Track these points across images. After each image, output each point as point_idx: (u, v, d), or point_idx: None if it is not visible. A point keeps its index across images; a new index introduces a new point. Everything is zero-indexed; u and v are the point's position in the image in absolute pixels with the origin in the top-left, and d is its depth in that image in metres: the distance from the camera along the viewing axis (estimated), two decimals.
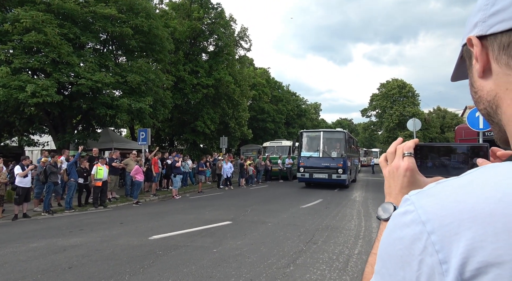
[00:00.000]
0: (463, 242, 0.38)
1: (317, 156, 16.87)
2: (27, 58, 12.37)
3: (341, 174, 16.23)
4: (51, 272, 4.85)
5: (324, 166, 16.56)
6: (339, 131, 18.82)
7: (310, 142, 17.64)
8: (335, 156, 16.63)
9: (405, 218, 0.44)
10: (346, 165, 16.30)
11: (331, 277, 4.71)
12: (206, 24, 23.90)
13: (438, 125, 48.07)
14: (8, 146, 20.02)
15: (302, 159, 17.17)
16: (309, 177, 16.96)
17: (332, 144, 17.23)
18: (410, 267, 0.42)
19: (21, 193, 9.56)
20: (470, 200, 0.40)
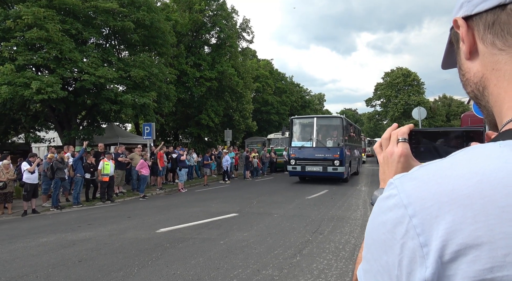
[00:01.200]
0: (442, 225, 0.38)
1: (310, 146, 14.84)
2: (31, 55, 12.40)
3: (337, 166, 14.21)
4: (62, 265, 4.94)
5: (318, 157, 14.55)
6: (335, 116, 16.77)
7: (302, 130, 15.62)
8: (330, 145, 14.58)
9: (388, 202, 0.44)
10: (343, 156, 14.26)
11: (337, 266, 4.73)
12: (207, 16, 23.76)
13: (443, 113, 47.66)
14: (15, 143, 20.21)
15: (293, 149, 15.23)
16: (301, 170, 14.94)
17: (327, 131, 15.22)
18: (393, 251, 0.42)
19: (29, 189, 9.68)
20: (450, 182, 0.40)
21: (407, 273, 0.40)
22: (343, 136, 14.55)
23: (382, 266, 0.44)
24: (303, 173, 15.31)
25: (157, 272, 4.58)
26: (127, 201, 12.09)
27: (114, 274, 4.53)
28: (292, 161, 15.11)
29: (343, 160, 14.25)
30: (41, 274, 4.62)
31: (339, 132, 14.75)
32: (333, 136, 14.84)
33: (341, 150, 14.27)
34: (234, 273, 4.51)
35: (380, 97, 48.71)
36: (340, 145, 14.37)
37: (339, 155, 14.21)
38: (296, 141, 15.40)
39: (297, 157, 14.96)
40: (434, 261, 0.38)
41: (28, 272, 4.69)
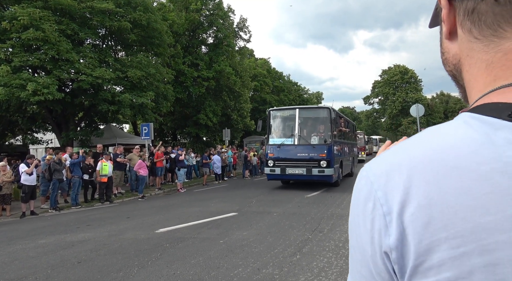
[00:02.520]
0: (401, 191, 0.41)
1: (291, 144, 12.39)
2: (27, 56, 12.34)
3: (325, 167, 11.77)
4: (61, 267, 4.91)
5: (301, 157, 12.13)
6: (321, 107, 14.03)
7: (282, 124, 13.17)
8: (316, 142, 12.16)
9: (359, 184, 0.47)
10: (331, 155, 11.86)
11: (337, 264, 4.73)
12: (204, 16, 23.72)
13: (441, 110, 47.79)
14: (13, 144, 20.13)
15: (271, 147, 12.74)
16: (280, 172, 12.43)
17: (313, 126, 12.78)
18: (365, 228, 0.44)
19: (27, 191, 9.64)
20: (408, 153, 0.43)
21: (379, 247, 0.42)
22: (332, 132, 12.10)
23: (360, 253, 0.46)
24: (283, 177, 12.82)
25: (157, 272, 4.57)
26: (126, 201, 12.06)
27: (114, 275, 4.51)
28: (270, 162, 12.67)
29: (332, 160, 11.84)
30: (40, 275, 4.59)
31: (326, 126, 12.28)
32: (320, 132, 12.44)
33: (329, 148, 11.89)
34: (234, 272, 4.50)
35: (378, 95, 48.79)
36: (328, 142, 11.95)
37: (327, 154, 11.80)
38: (275, 137, 12.97)
39: (276, 156, 12.56)
40: (396, 227, 0.40)
41: (27, 274, 4.66)
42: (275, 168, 12.51)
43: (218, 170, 17.05)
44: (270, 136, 13.00)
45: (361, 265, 0.45)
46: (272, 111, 13.35)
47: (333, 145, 12.04)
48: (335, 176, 12.38)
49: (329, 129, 12.16)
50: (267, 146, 13.03)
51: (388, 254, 0.41)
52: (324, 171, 11.80)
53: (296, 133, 12.36)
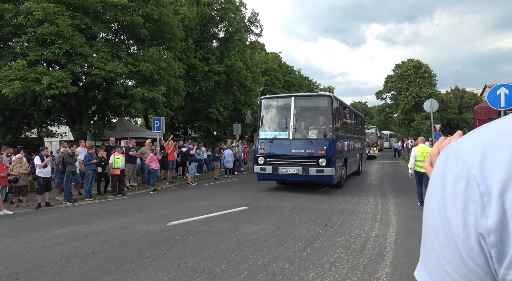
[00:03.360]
0: (502, 171, 0.38)
1: (285, 138, 10.65)
2: (42, 50, 12.54)
3: (324, 166, 9.98)
4: (75, 257, 5.02)
5: (296, 153, 10.39)
6: (321, 95, 11.64)
7: (275, 115, 11.46)
8: (314, 137, 10.40)
9: (447, 162, 0.44)
10: (332, 152, 10.13)
11: (348, 259, 4.71)
12: (215, 9, 23.64)
13: (456, 105, 46.82)
14: (28, 137, 20.58)
15: (262, 142, 11.00)
16: (272, 171, 10.66)
17: (311, 117, 11.01)
18: (455, 210, 0.41)
19: (42, 183, 9.86)
20: (503, 131, 0.41)
21: (474, 229, 0.39)
22: (333, 124, 10.41)
23: (445, 236, 0.43)
24: (274, 176, 10.96)
25: (169, 264, 4.63)
26: (138, 194, 12.23)
27: (127, 266, 4.59)
28: (260, 159, 10.86)
29: (333, 157, 10.12)
30: (55, 265, 4.70)
31: (327, 118, 10.53)
32: (319, 124, 10.65)
33: (330, 143, 10.15)
34: (244, 265, 4.53)
35: (391, 89, 48.04)
36: (328, 136, 10.21)
37: (327, 151, 10.07)
38: (267, 130, 11.24)
39: (267, 153, 10.81)
40: (496, 208, 0.37)
41: (42, 263, 4.78)
42: (265, 166, 10.74)
43: (229, 164, 17.10)
44: (261, 129, 11.29)
45: (447, 249, 0.43)
46: (264, 99, 11.58)
47: (334, 140, 10.33)
48: (337, 176, 10.62)
49: (330, 121, 10.42)
50: (257, 140, 11.21)
51: (484, 236, 0.39)
52: (323, 170, 9.97)
53: (291, 125, 10.58)
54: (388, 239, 5.65)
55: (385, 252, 5.03)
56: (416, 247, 5.20)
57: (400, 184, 12.85)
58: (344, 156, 11.77)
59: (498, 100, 7.86)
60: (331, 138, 10.22)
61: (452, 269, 0.43)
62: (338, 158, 10.74)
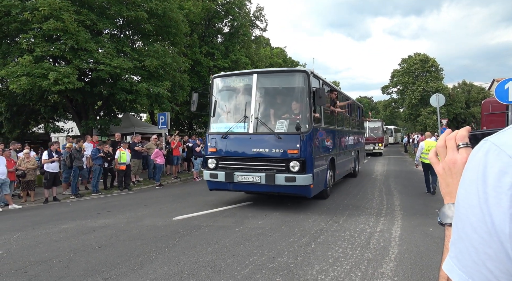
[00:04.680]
0: None
1: (243, 132, 7.69)
2: (48, 46, 12.62)
3: (296, 172, 7.08)
4: (82, 251, 5.10)
5: (257, 154, 7.46)
6: (294, 70, 8.26)
7: (231, 100, 8.56)
8: (283, 130, 7.42)
9: (489, 157, 0.43)
10: (309, 150, 7.24)
11: (353, 254, 4.72)
12: (220, 4, 23.55)
13: (463, 100, 46.28)
14: (35, 133, 20.81)
15: (212, 138, 8.06)
16: (225, 179, 7.64)
17: (280, 102, 8.00)
18: (499, 206, 0.40)
19: (49, 178, 9.98)
20: None
21: None
22: (311, 112, 7.38)
23: (487, 232, 0.42)
24: (229, 186, 7.80)
25: (174, 258, 4.68)
26: (143, 189, 12.33)
27: (133, 260, 4.65)
28: (211, 162, 7.94)
29: (309, 158, 7.20)
30: (63, 259, 4.78)
31: (302, 103, 7.48)
32: (292, 112, 7.65)
33: (306, 139, 7.15)
34: (249, 260, 4.56)
35: (397, 84, 47.58)
36: (304, 129, 7.19)
37: (301, 150, 7.11)
38: (220, 121, 8.32)
39: (218, 153, 7.87)
40: None
41: (51, 257, 4.86)
42: (217, 172, 7.70)
43: None
44: (213, 120, 8.36)
45: (488, 245, 0.42)
46: (217, 79, 8.64)
47: (313, 134, 7.33)
48: (317, 185, 7.68)
49: (306, 108, 7.36)
50: (207, 135, 8.24)
51: None
52: (295, 178, 6.97)
53: (252, 114, 7.55)
54: (393, 234, 5.65)
55: (389, 247, 5.03)
56: (421, 242, 5.20)
57: (405, 179, 12.79)
58: (330, 156, 8.83)
59: (506, 94, 7.76)
60: (308, 131, 7.18)
61: (493, 265, 0.42)
62: (320, 159, 7.86)
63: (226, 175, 7.62)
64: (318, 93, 7.32)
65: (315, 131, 7.55)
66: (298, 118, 7.41)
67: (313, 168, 7.32)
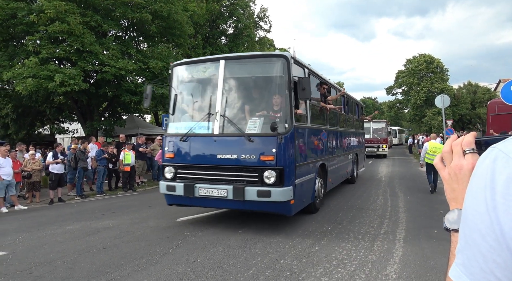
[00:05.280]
0: None
1: (206, 133, 6.27)
2: (53, 48, 12.74)
3: (271, 185, 5.61)
4: (87, 252, 5.12)
5: (224, 161, 6.01)
6: (271, 55, 6.68)
7: (194, 93, 7.14)
8: (256, 130, 5.93)
9: (497, 165, 0.43)
10: (289, 156, 5.78)
11: (357, 256, 4.70)
12: (224, 6, 23.61)
13: (468, 101, 45.89)
14: (41, 134, 20.98)
15: (170, 142, 6.61)
16: (184, 192, 6.11)
17: (252, 95, 6.62)
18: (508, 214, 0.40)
19: (54, 179, 10.06)
20: None
21: None
22: (291, 107, 5.92)
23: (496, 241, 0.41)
24: (190, 201, 6.31)
25: (178, 260, 4.69)
26: (148, 190, 12.37)
27: (137, 261, 4.67)
28: (168, 171, 6.49)
29: (289, 167, 5.77)
30: (68, 260, 4.81)
31: (281, 96, 6.02)
32: (269, 108, 6.25)
33: (285, 142, 5.70)
34: (253, 261, 4.56)
35: (402, 85, 47.33)
36: (282, 130, 5.72)
37: (278, 156, 5.67)
38: (180, 119, 6.90)
39: (177, 159, 6.45)
40: None
41: (55, 258, 4.89)
42: (175, 184, 6.24)
43: None
44: (172, 118, 6.94)
45: (497, 253, 0.41)
46: (177, 67, 7.09)
47: (295, 136, 5.89)
48: (300, 199, 6.17)
49: (286, 102, 5.88)
50: (164, 137, 6.86)
51: None
52: (270, 192, 5.51)
53: (217, 111, 6.10)
54: (397, 236, 5.62)
55: (394, 249, 5.00)
56: (426, 245, 5.16)
57: (410, 180, 12.71)
58: (319, 161, 7.40)
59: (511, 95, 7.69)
60: (287, 132, 5.70)
61: (502, 273, 0.41)
62: (304, 166, 6.41)
63: (185, 188, 6.08)
64: (301, 84, 5.81)
65: (297, 132, 6.04)
66: (278, 116, 5.92)
67: (294, 178, 5.79)
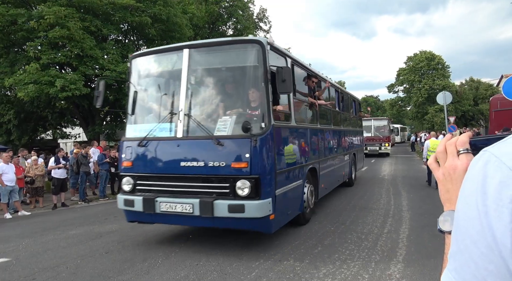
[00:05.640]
0: None
1: (168, 136, 5.15)
2: (54, 54, 12.80)
3: (245, 197, 4.56)
4: (90, 257, 5.13)
5: (187, 169, 4.89)
6: (242, 41, 5.49)
7: (156, 89, 6.01)
8: (226, 131, 4.84)
9: (488, 169, 0.42)
10: (268, 162, 4.69)
11: (360, 256, 4.68)
12: (223, 7, 23.67)
13: (471, 97, 45.69)
14: (44, 139, 21.07)
15: (128, 147, 5.47)
16: (143, 208, 5.05)
17: (222, 90, 5.55)
18: (501, 220, 0.39)
19: (57, 184, 10.09)
20: None
21: None
22: (269, 103, 4.78)
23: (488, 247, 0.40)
24: (151, 218, 5.33)
25: (180, 263, 4.68)
26: None
27: (139, 265, 4.66)
28: (126, 182, 5.45)
29: (267, 175, 4.69)
30: (71, 265, 4.81)
31: (257, 89, 4.94)
32: (242, 105, 5.21)
33: (261, 145, 4.61)
34: (256, 263, 4.55)
35: (403, 82, 47.21)
36: (257, 130, 4.64)
37: (251, 162, 4.59)
38: (139, 121, 5.82)
39: (136, 168, 5.39)
40: None
41: (59, 263, 4.90)
42: (134, 198, 5.27)
43: None
44: (130, 119, 5.82)
45: (488, 260, 0.40)
46: (137, 59, 5.95)
47: (274, 137, 4.84)
48: (282, 214, 5.17)
49: (262, 97, 4.83)
50: (121, 142, 5.79)
51: None
52: (244, 206, 4.56)
53: (181, 110, 5.06)
54: (400, 235, 5.59)
55: (397, 248, 4.97)
56: (429, 243, 5.13)
57: (413, 178, 12.65)
58: (308, 165, 6.41)
59: None
60: (263, 133, 4.65)
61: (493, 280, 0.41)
62: (288, 173, 5.37)
63: (144, 203, 5.04)
64: (280, 75, 4.64)
65: (277, 133, 4.96)
66: (255, 114, 4.84)
67: (274, 187, 4.75)
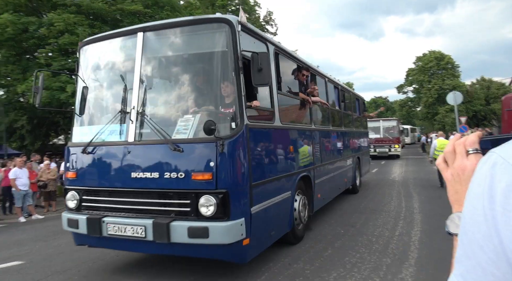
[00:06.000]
0: None
1: (118, 141, 4.08)
2: (65, 60, 13.03)
3: (210, 218, 3.48)
4: (101, 260, 5.18)
5: (139, 182, 3.83)
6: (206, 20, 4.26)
7: (107, 82, 4.76)
8: (187, 134, 3.74)
9: (495, 171, 0.41)
10: (234, 173, 3.57)
11: (371, 259, 4.63)
12: (230, 11, 23.81)
13: (482, 97, 44.96)
14: (56, 144, 21.42)
15: (73, 155, 4.38)
16: (87, 230, 4.01)
17: (185, 82, 4.27)
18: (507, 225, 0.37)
19: None
20: None
21: None
22: (241, 97, 3.71)
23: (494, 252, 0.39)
24: (97, 242, 4.30)
25: (191, 266, 4.69)
26: None
27: (150, 269, 4.70)
28: (71, 197, 4.45)
29: (238, 188, 3.62)
30: (83, 268, 4.87)
31: (225, 80, 3.88)
32: (210, 100, 4.22)
33: (230, 151, 3.54)
34: (265, 267, 4.53)
35: (412, 83, 46.80)
36: (226, 132, 3.62)
37: (217, 173, 3.49)
38: (86, 123, 4.80)
39: (80, 181, 4.37)
40: None
41: (71, 266, 4.96)
42: (78, 217, 4.25)
43: None
44: (76, 121, 4.87)
45: (496, 266, 0.39)
46: (86, 46, 5.12)
47: (247, 140, 3.74)
48: (262, 236, 4.20)
49: (232, 91, 3.79)
50: (66, 148, 4.71)
51: None
52: (208, 229, 3.44)
53: (133, 107, 3.99)
54: (412, 238, 5.51)
55: (409, 251, 4.91)
56: (442, 246, 5.04)
57: (424, 180, 12.50)
58: (300, 173, 5.42)
59: None
60: (234, 135, 3.64)
61: None
62: (269, 184, 4.36)
63: (88, 224, 4.06)
64: (256, 62, 3.68)
65: (254, 135, 3.97)
66: (228, 112, 3.86)
67: (249, 204, 3.77)
